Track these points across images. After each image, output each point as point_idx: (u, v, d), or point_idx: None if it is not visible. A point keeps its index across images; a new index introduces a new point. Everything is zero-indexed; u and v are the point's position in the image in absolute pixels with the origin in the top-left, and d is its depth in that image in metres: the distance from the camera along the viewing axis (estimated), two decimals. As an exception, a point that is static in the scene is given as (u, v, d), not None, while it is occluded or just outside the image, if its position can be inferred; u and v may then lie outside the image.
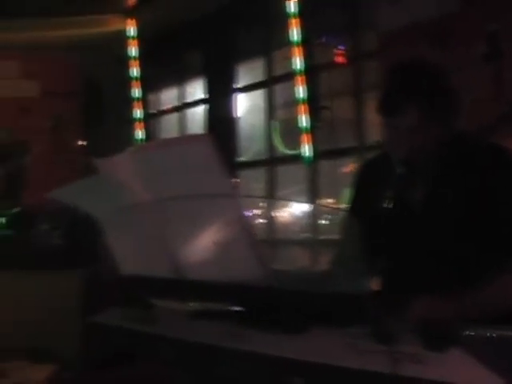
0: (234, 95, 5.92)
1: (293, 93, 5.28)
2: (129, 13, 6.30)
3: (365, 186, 1.81)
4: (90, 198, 1.52)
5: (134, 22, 6.39)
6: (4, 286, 6.03)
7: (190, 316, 1.34)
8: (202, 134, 3.43)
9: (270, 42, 5.68)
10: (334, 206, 5.23)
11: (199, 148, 1.28)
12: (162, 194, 1.36)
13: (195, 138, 1.43)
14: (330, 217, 5.11)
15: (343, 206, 3.74)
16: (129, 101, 6.44)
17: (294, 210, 5.64)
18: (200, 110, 6.17)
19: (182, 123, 6.25)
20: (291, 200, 6.68)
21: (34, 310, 5.92)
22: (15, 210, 5.77)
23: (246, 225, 1.33)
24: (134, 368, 1.52)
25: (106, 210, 1.46)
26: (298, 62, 5.26)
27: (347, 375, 1.03)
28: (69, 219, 6.08)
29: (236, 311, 1.27)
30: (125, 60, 6.43)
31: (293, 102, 5.32)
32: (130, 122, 6.43)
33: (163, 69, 6.40)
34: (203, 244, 1.37)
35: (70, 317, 5.23)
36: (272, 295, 1.25)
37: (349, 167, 5.12)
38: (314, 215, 5.30)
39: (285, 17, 5.27)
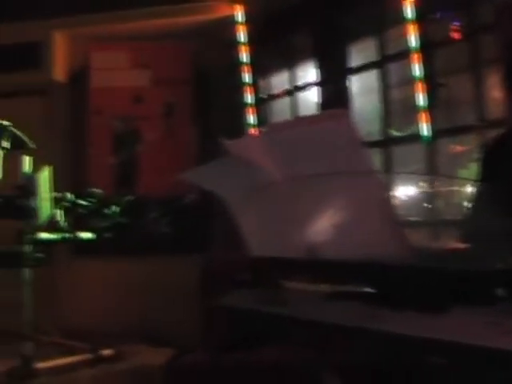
0: (346, 76, 5.79)
1: (408, 71, 5.13)
2: (236, -2, 6.28)
3: (494, 164, 1.72)
4: (220, 179, 1.51)
5: (241, 7, 6.36)
6: (120, 272, 6.16)
7: (323, 297, 1.30)
8: (342, 109, 3.33)
9: (382, 21, 5.52)
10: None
11: (339, 124, 1.24)
12: (298, 172, 1.32)
13: (334, 114, 1.39)
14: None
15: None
16: (239, 86, 6.40)
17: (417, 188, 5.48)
18: (312, 93, 6.07)
19: (294, 107, 6.15)
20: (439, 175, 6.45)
21: (150, 295, 6.03)
22: (128, 197, 5.85)
23: (385, 202, 1.28)
24: (258, 351, 1.49)
25: (236, 191, 1.45)
26: (413, 40, 5.10)
27: (490, 355, 0.98)
28: (178, 206, 6.13)
29: (374, 292, 1.23)
30: (234, 45, 6.40)
31: (408, 81, 5.16)
32: (241, 107, 6.39)
33: (273, 53, 6.34)
34: (339, 222, 1.31)
35: (186, 301, 5.26)
36: (412, 273, 1.19)
37: (468, 146, 4.95)
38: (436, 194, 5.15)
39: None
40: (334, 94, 5.81)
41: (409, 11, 5.11)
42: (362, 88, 5.85)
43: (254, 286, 1.53)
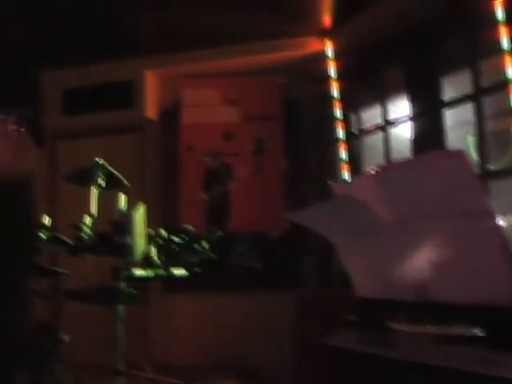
0: (439, 110, 5.68)
1: (504, 103, 4.99)
2: (326, 33, 6.26)
3: None
4: (327, 221, 1.47)
5: (331, 42, 6.34)
6: (211, 307, 6.14)
7: (432, 339, 1.24)
8: (457, 149, 3.27)
9: (477, 52, 5.40)
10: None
11: (455, 164, 1.19)
12: (410, 213, 1.27)
13: (449, 154, 1.34)
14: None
15: None
16: (330, 121, 6.36)
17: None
18: (404, 128, 5.97)
19: (387, 141, 6.07)
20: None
21: (242, 330, 5.99)
22: (219, 233, 5.86)
23: (503, 243, 1.21)
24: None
25: (344, 232, 1.41)
26: (509, 71, 4.97)
27: None
28: (269, 241, 6.10)
29: (485, 335, 1.16)
30: (324, 80, 6.37)
31: (504, 113, 5.03)
32: (332, 142, 6.35)
33: (364, 87, 6.28)
34: (454, 264, 1.25)
35: (279, 337, 5.19)
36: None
37: None
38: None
39: (492, 24, 5.00)
40: (428, 128, 5.70)
41: (505, 42, 4.99)
42: (455, 121, 5.73)
43: (359, 326, 1.48)
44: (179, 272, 5.09)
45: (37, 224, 2.06)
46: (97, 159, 4.54)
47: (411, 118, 5.88)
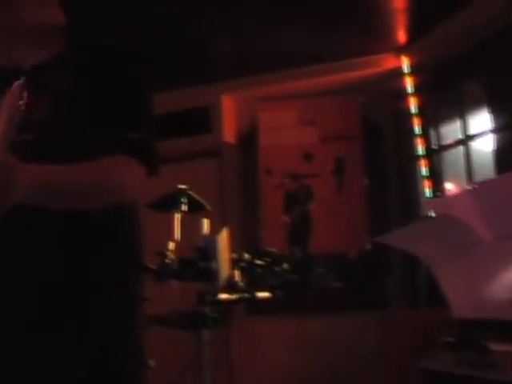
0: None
1: None
2: (402, 49, 6.20)
3: None
4: (421, 240, 1.43)
5: (408, 58, 6.28)
6: (294, 329, 6.10)
7: None
8: None
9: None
10: None
11: None
12: (508, 230, 1.22)
13: None
14: None
15: None
16: (410, 137, 6.28)
17: None
18: (486, 142, 5.85)
19: (468, 156, 5.95)
20: None
21: (327, 352, 5.92)
22: (300, 254, 5.84)
23: None
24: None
25: (439, 252, 1.36)
26: None
27: None
28: (351, 262, 6.05)
29: None
30: (402, 97, 6.31)
31: None
32: (413, 158, 6.26)
33: (443, 102, 6.19)
34: None
35: (364, 358, 5.11)
36: None
37: None
38: None
39: None
40: (510, 142, 5.56)
41: None
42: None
43: (457, 348, 1.43)
44: (262, 295, 5.08)
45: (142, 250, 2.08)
46: (180, 185, 4.58)
47: (493, 131, 5.75)
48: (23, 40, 2.01)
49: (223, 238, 4.48)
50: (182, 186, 4.58)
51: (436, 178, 6.15)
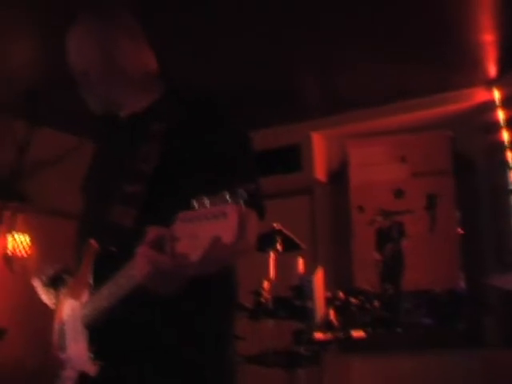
0: None
1: None
2: (493, 82, 6.12)
3: None
4: None
5: (499, 90, 6.19)
6: (389, 368, 6.01)
7: None
8: None
9: None
10: None
11: None
12: None
13: None
14: None
15: None
16: (503, 171, 6.17)
17: None
18: None
19: None
20: None
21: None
22: (393, 292, 5.78)
23: None
24: None
25: None
26: None
27: None
28: (441, 299, 5.94)
29: None
30: (495, 130, 6.21)
31: None
32: (507, 192, 6.14)
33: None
34: None
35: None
36: None
37: None
38: None
39: None
40: None
41: None
42: None
43: None
44: (357, 333, 5.04)
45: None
46: (275, 224, 4.61)
47: None
48: (122, 88, 2.08)
49: (318, 276, 4.49)
50: (277, 225, 4.61)
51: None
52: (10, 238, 6.69)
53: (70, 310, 1.91)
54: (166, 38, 2.90)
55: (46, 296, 2.14)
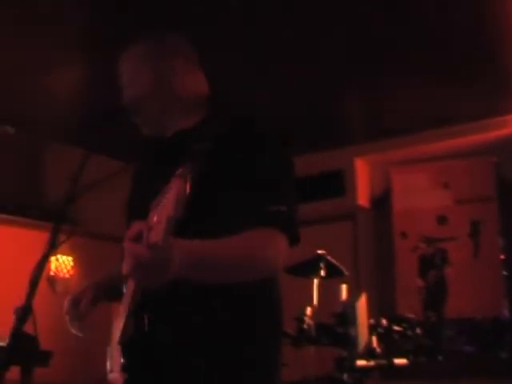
0: None
1: None
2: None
3: None
4: None
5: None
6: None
7: None
8: None
9: None
10: None
11: None
12: None
13: None
14: None
15: None
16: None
17: None
18: None
19: None
20: None
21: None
22: (437, 319, 5.73)
23: None
24: None
25: None
26: None
27: None
28: (481, 327, 5.88)
29: None
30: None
31: None
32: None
33: None
34: None
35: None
36: None
37: None
38: None
39: None
40: None
41: None
42: None
43: None
44: (399, 361, 5.01)
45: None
46: (318, 251, 4.62)
47: None
48: (173, 110, 2.12)
49: (362, 303, 4.47)
50: (321, 251, 4.61)
51: None
52: (53, 259, 6.82)
53: (116, 330, 1.95)
54: (217, 63, 2.95)
55: (73, 324, 2.14)
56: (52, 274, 6.68)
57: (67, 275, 6.76)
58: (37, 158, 8.41)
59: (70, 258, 6.80)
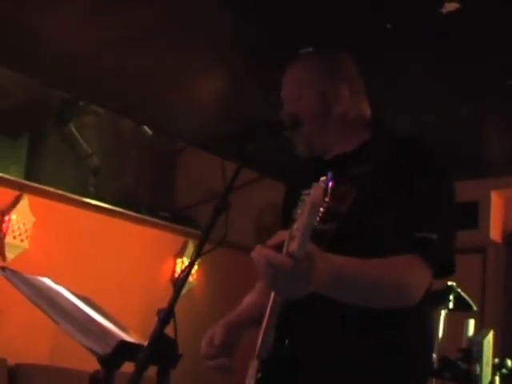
0: None
1: None
2: None
3: None
4: None
5: None
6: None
7: None
8: None
9: None
10: None
11: None
12: None
13: None
14: None
15: None
16: None
17: None
18: None
19: None
20: None
21: None
22: None
23: None
24: None
25: None
26: None
27: None
28: None
29: None
30: None
31: None
32: None
33: None
34: None
35: None
36: None
37: None
38: None
39: None
40: None
41: None
42: None
43: None
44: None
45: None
46: (449, 282, 4.51)
47: None
48: (333, 132, 2.12)
49: (489, 340, 4.33)
50: (451, 283, 4.50)
51: None
52: (179, 262, 6.97)
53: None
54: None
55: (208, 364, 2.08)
56: (177, 276, 6.81)
57: (191, 279, 6.88)
58: (171, 161, 8.65)
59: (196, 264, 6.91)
